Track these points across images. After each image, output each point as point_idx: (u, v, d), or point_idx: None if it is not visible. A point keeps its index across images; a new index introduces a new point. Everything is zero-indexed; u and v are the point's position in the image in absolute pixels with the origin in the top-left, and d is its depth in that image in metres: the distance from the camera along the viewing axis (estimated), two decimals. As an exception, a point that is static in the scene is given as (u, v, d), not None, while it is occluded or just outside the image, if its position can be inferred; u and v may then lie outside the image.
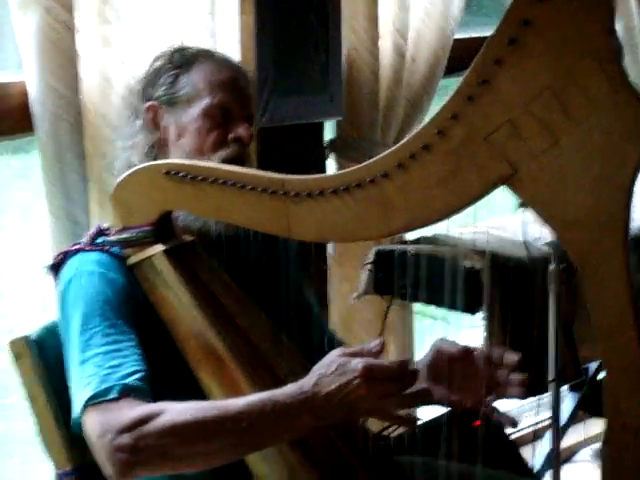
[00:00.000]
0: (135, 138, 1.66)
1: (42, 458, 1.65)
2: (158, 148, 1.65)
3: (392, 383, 1.35)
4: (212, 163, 1.54)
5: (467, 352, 1.60)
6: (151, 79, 1.67)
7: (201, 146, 1.61)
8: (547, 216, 1.31)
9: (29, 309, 2.35)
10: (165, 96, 1.64)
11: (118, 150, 1.71)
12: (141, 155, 1.64)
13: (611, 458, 1.29)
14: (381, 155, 1.37)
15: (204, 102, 1.63)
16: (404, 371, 1.36)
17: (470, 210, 1.38)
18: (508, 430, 2.16)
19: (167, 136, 1.65)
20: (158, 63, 1.68)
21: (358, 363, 1.34)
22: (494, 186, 1.31)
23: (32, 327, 1.66)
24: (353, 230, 1.39)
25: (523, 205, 1.95)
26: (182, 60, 1.66)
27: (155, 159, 1.61)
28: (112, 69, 1.89)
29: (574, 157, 1.25)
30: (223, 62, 1.70)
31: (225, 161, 1.58)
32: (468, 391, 1.58)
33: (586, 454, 3.11)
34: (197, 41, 1.90)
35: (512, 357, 1.55)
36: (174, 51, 1.69)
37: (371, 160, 1.36)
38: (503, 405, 1.98)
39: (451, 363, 1.59)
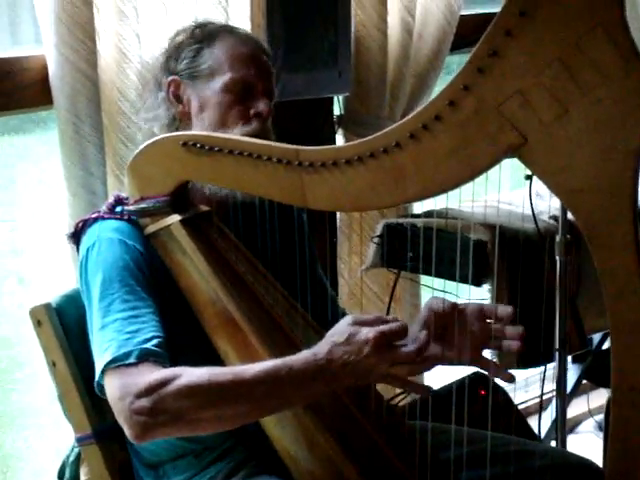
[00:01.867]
0: (157, 110, 1.68)
1: (53, 431, 1.67)
2: (180, 121, 1.67)
3: (402, 351, 1.37)
4: (228, 135, 1.55)
5: (455, 308, 1.56)
6: (173, 53, 1.68)
7: (223, 120, 1.63)
8: (555, 185, 1.33)
9: (49, 277, 2.37)
10: (187, 70, 1.66)
11: (140, 122, 1.73)
12: (162, 127, 1.67)
13: (617, 418, 1.32)
14: (394, 126, 1.39)
15: (226, 76, 1.64)
16: (406, 330, 1.37)
17: (480, 184, 1.39)
18: (515, 400, 2.19)
19: (189, 109, 1.66)
20: (179, 38, 1.69)
21: (368, 332, 1.37)
22: (504, 156, 1.33)
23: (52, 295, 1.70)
24: (366, 199, 1.40)
25: (529, 178, 1.99)
26: (203, 35, 1.67)
27: (177, 131, 1.63)
28: (129, 44, 1.91)
29: (583, 126, 1.27)
30: (245, 37, 1.71)
31: (247, 136, 1.56)
32: (463, 347, 1.54)
33: (589, 425, 3.14)
34: (209, 18, 1.91)
35: (506, 309, 1.53)
36: (195, 27, 1.70)
37: (384, 131, 1.38)
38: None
39: (442, 319, 1.55)
